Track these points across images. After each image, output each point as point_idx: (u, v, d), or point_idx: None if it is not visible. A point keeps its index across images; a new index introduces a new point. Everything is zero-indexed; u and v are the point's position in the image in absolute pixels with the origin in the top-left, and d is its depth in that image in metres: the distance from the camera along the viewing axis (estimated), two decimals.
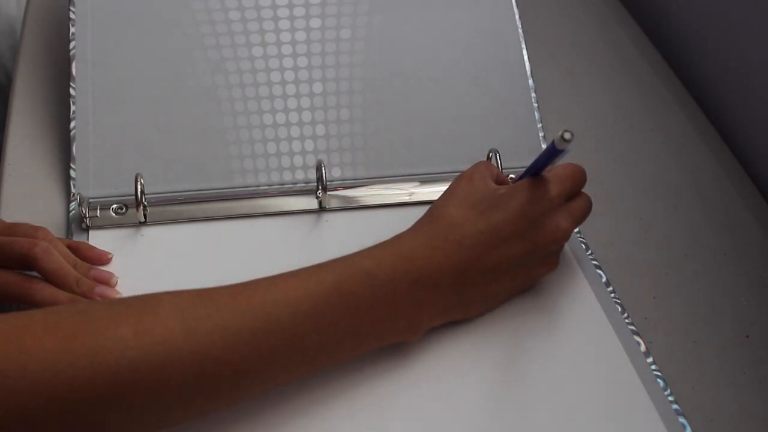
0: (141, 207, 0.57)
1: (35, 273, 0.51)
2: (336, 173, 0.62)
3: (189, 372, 0.42)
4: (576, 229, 0.57)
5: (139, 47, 0.63)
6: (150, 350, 0.41)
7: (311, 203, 0.60)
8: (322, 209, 0.60)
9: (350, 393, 0.49)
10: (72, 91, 0.61)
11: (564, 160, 0.50)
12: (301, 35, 0.64)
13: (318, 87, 0.63)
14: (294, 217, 0.59)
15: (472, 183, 0.52)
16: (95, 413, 0.40)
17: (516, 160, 0.61)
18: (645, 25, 0.80)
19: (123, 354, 0.40)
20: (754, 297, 0.57)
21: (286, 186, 0.61)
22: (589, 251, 0.58)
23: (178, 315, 0.42)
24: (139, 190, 0.56)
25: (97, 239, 0.56)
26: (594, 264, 0.57)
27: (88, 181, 0.59)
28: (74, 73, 0.62)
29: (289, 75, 0.63)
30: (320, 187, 0.58)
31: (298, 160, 0.62)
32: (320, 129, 0.62)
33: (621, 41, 0.78)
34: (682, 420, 0.48)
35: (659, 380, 0.50)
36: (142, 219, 0.57)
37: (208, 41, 0.63)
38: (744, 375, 0.53)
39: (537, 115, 0.65)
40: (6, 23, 0.81)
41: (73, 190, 0.59)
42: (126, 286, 0.53)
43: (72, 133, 0.60)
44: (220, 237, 0.58)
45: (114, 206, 0.58)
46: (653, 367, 0.51)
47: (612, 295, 0.55)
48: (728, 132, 0.70)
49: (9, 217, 0.56)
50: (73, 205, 0.58)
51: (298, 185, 0.61)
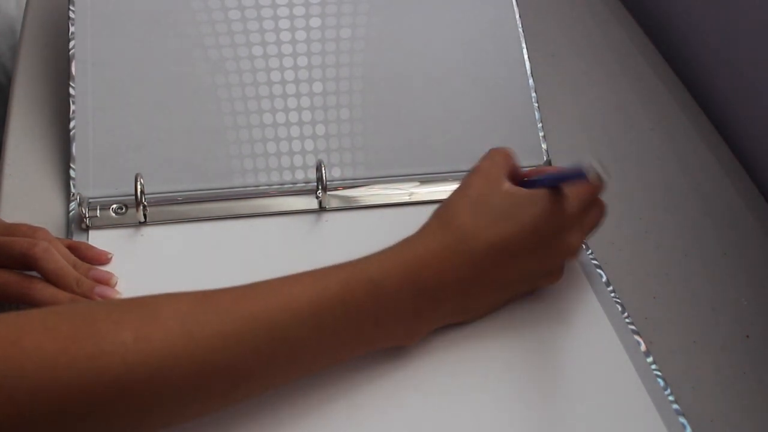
0: (141, 207, 0.57)
1: (35, 273, 0.51)
2: (336, 173, 0.62)
3: (188, 377, 0.42)
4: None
5: (139, 47, 0.63)
6: (150, 355, 0.41)
7: (311, 203, 0.60)
8: (322, 209, 0.60)
9: (350, 393, 0.48)
10: (72, 91, 0.61)
11: None
12: (301, 35, 0.64)
13: (318, 87, 0.63)
14: (294, 217, 0.59)
15: (488, 183, 0.51)
16: (93, 416, 0.40)
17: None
18: (645, 25, 0.80)
19: (123, 359, 0.40)
20: (754, 297, 0.57)
21: (286, 186, 0.61)
22: (589, 251, 0.58)
23: (179, 320, 0.42)
24: (139, 190, 0.56)
25: (97, 239, 0.56)
26: (594, 264, 0.57)
27: (88, 181, 0.59)
28: (74, 73, 0.62)
29: (289, 75, 0.63)
30: (320, 187, 0.58)
31: (298, 160, 0.62)
32: (320, 129, 0.62)
33: (621, 41, 0.78)
34: (682, 420, 0.48)
35: (659, 380, 0.50)
36: (142, 219, 0.57)
37: (208, 41, 0.63)
38: (744, 375, 0.53)
39: (537, 115, 0.65)
40: (6, 23, 0.81)
41: (73, 190, 0.59)
42: (126, 286, 0.53)
43: (72, 133, 0.60)
44: (220, 237, 0.57)
45: (114, 206, 0.58)
46: (653, 367, 0.51)
47: (612, 295, 0.55)
48: (728, 132, 0.70)
49: (9, 217, 0.56)
50: (73, 205, 0.58)
51: (298, 185, 0.61)
